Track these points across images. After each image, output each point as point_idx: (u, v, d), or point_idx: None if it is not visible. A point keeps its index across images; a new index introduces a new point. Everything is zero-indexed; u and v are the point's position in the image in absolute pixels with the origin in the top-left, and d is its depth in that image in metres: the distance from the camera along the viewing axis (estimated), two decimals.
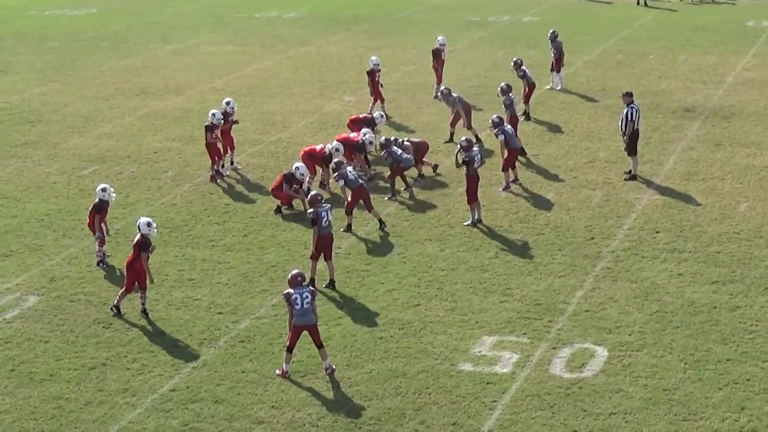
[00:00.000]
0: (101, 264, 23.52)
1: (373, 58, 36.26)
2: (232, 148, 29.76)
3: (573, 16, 54.71)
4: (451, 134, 31.82)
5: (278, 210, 26.48)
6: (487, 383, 18.31)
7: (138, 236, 20.98)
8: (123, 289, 21.18)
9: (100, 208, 23.44)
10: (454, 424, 17.16)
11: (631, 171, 28.45)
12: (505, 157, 27.56)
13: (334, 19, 54.78)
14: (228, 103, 29.71)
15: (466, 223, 25.30)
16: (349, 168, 25.72)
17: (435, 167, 29.00)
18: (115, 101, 37.68)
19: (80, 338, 20.22)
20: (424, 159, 28.87)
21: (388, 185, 27.54)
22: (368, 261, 23.57)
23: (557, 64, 38.09)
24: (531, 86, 34.27)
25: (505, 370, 18.74)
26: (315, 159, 27.99)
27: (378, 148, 28.58)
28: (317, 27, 52.65)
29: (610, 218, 25.63)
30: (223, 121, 28.81)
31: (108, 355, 19.56)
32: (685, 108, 35.11)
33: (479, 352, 19.39)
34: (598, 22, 52.45)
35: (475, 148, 25.58)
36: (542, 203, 26.75)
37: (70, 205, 26.92)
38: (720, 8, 56.84)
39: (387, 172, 27.80)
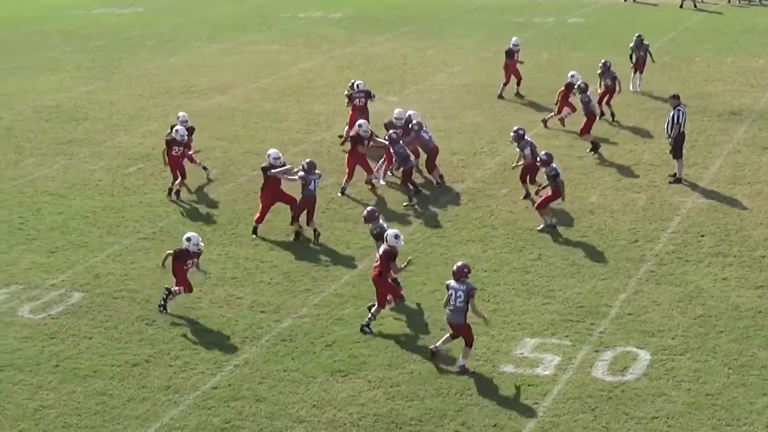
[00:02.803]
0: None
1: (513, 38, 38.11)
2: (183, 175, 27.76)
3: (618, 18, 54.54)
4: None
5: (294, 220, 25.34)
6: (529, 385, 18.27)
7: (384, 246, 20.43)
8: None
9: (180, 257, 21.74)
10: (495, 425, 17.13)
11: (675, 174, 28.30)
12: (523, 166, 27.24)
13: (378, 19, 54.82)
14: (178, 131, 27.35)
15: (539, 228, 25.17)
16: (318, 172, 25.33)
17: (441, 179, 28.46)
18: (160, 100, 37.87)
19: (124, 335, 20.33)
20: (435, 164, 28.50)
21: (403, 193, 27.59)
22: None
23: (641, 66, 37.90)
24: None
25: (546, 373, 18.69)
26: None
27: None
28: (362, 27, 52.72)
29: (654, 221, 25.51)
30: (186, 138, 27.48)
31: (151, 352, 19.65)
32: (731, 111, 34.90)
33: (521, 353, 19.35)
34: (644, 24, 52.10)
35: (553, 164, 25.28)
36: (586, 205, 26.67)
37: (115, 202, 27.06)
38: None
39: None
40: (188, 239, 21.27)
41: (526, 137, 27.27)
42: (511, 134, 27.41)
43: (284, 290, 22.27)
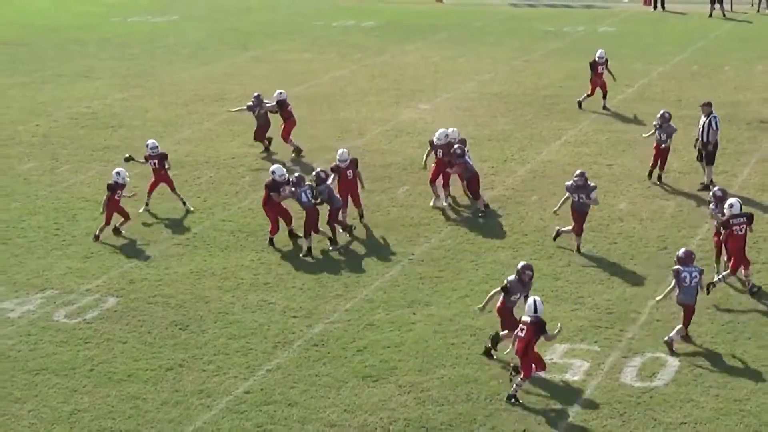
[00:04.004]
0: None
1: (599, 50, 36.86)
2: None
3: (648, 27, 54.42)
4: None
5: (291, 234, 25.41)
6: (558, 391, 18.27)
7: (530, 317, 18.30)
8: None
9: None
10: (524, 430, 17.13)
11: (704, 181, 28.26)
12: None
13: (410, 28, 54.88)
14: (118, 173, 26.08)
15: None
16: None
17: (486, 207, 27.13)
18: (194, 107, 38.05)
19: (157, 339, 20.44)
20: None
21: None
22: (441, 267, 23.58)
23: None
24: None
25: (576, 378, 18.68)
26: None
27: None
28: (394, 36, 52.77)
29: (683, 228, 25.45)
30: (128, 180, 26.26)
31: (184, 356, 19.75)
32: (761, 120, 34.76)
33: (550, 359, 19.31)
34: (674, 33, 52.09)
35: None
36: (615, 213, 26.63)
37: (150, 208, 27.18)
38: None
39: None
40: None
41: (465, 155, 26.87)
42: (456, 148, 26.80)
43: (316, 296, 22.34)
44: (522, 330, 17.92)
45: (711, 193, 23.32)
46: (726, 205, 21.02)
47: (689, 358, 19.18)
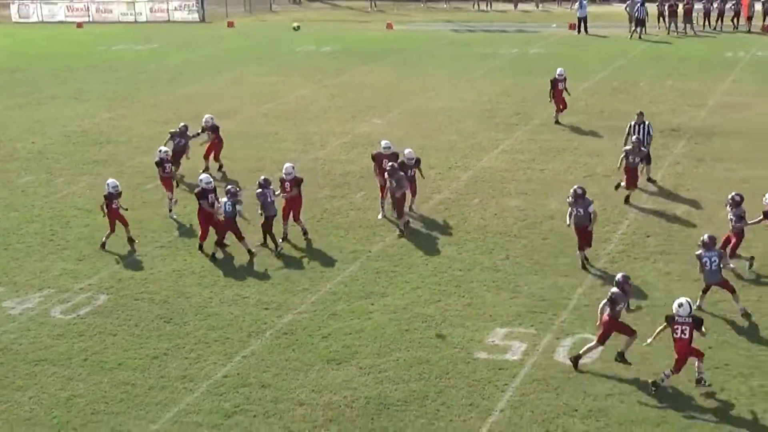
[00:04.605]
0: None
1: (558, 69, 36.65)
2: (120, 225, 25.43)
3: (574, 48, 54.70)
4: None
5: (221, 244, 24.51)
6: (500, 369, 18.30)
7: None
8: None
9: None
10: (470, 404, 17.15)
11: (649, 177, 28.80)
12: None
13: (365, 52, 54.92)
14: (109, 184, 25.06)
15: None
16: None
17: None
18: (173, 125, 37.58)
19: (144, 331, 20.30)
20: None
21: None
22: (395, 263, 23.57)
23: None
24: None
25: (515, 358, 18.72)
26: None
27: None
28: (350, 59, 52.77)
29: (606, 225, 25.55)
30: (119, 188, 25.26)
31: (169, 346, 19.63)
32: (671, 128, 34.99)
33: (492, 341, 19.37)
34: (596, 53, 52.38)
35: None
36: (547, 212, 26.70)
37: (136, 215, 26.91)
38: (702, 41, 56.80)
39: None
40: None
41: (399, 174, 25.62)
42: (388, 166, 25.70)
43: (285, 290, 22.26)
44: (683, 331, 17.11)
45: (729, 197, 22.45)
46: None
47: (613, 339, 19.22)
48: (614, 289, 18.07)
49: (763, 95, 40.41)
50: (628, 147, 27.08)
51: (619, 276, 18.31)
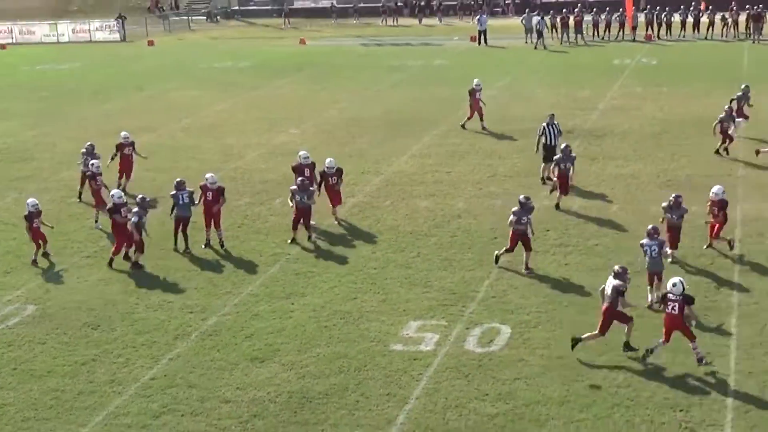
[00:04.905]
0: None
1: (475, 80, 36.42)
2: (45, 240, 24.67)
3: (475, 59, 55.05)
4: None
5: (126, 257, 23.78)
6: (414, 359, 18.19)
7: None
8: None
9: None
10: (388, 394, 17.02)
11: (543, 177, 28.87)
12: None
13: (279, 67, 54.71)
14: (29, 203, 24.33)
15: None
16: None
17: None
18: (96, 140, 36.94)
19: (72, 339, 19.79)
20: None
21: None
22: (313, 264, 23.36)
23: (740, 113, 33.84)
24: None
25: (428, 348, 18.63)
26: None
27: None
28: (266, 73, 52.54)
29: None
30: (38, 206, 24.45)
31: (97, 352, 19.16)
32: (567, 130, 35.07)
33: (407, 334, 19.27)
34: (496, 63, 52.71)
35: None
36: (455, 211, 26.70)
37: (61, 227, 26.38)
38: (592, 50, 57.63)
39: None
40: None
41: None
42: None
43: (208, 293, 21.92)
44: (673, 307, 17.26)
45: (669, 200, 22.07)
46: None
47: (519, 326, 19.28)
48: (616, 281, 17.87)
49: (648, 98, 40.97)
50: (558, 156, 26.55)
51: (617, 267, 18.16)
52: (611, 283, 17.88)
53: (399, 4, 78.80)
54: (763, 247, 22.50)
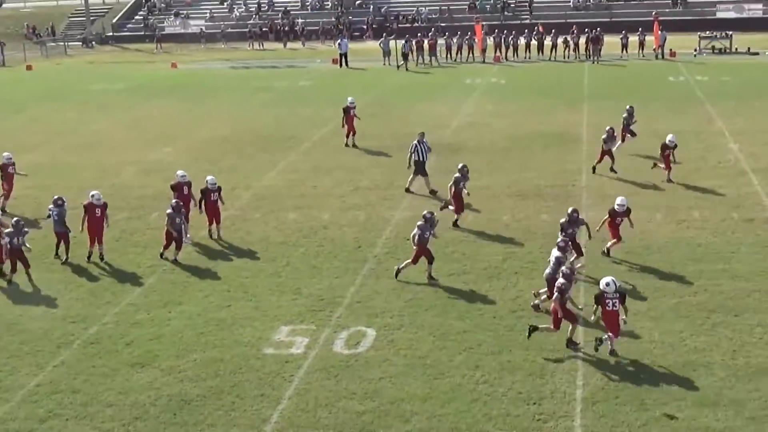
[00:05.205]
0: None
1: (348, 98, 36.21)
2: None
3: (337, 80, 55.34)
4: None
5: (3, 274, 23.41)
6: (286, 362, 18.27)
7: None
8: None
9: None
10: (262, 395, 17.06)
11: (409, 188, 29.27)
12: None
13: (153, 88, 54.05)
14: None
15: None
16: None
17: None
18: None
19: None
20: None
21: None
22: (189, 274, 23.20)
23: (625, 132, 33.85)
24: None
25: (299, 351, 18.71)
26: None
27: None
28: (141, 95, 51.83)
29: (372, 231, 25.90)
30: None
31: None
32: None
33: (278, 338, 19.32)
34: (357, 84, 53.07)
35: None
36: (321, 222, 26.84)
37: None
38: (445, 70, 58.45)
39: None
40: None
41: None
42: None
43: (90, 304, 21.58)
44: (613, 305, 17.56)
45: (567, 216, 21.88)
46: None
47: (383, 329, 19.52)
48: (562, 280, 18.07)
49: (498, 115, 41.85)
50: (457, 175, 25.93)
51: (565, 268, 18.38)
52: (559, 281, 18.18)
53: (264, 29, 78.63)
54: None
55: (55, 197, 24.71)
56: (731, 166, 28.82)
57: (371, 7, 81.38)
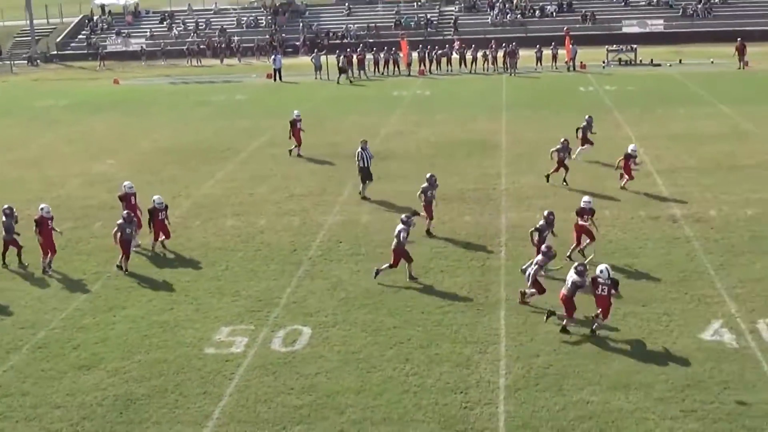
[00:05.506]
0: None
1: (295, 111, 35.79)
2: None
3: (272, 94, 55.11)
4: None
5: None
6: (227, 361, 18.08)
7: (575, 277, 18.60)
8: None
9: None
10: (204, 393, 16.87)
11: (362, 194, 29.05)
12: None
13: (96, 104, 53.27)
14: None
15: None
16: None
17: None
18: None
19: None
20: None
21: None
22: (132, 281, 22.85)
23: (584, 142, 33.32)
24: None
25: (239, 350, 18.54)
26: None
27: None
28: (84, 111, 51.04)
29: (306, 235, 25.79)
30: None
31: None
32: (352, 154, 35.59)
33: (219, 338, 19.13)
34: (291, 97, 52.89)
35: None
36: (258, 228, 26.65)
37: None
38: (374, 83, 58.53)
39: None
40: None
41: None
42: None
43: (37, 310, 21.14)
44: (602, 290, 18.14)
45: (543, 219, 21.61)
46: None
47: (318, 327, 19.44)
48: (576, 277, 18.32)
49: (423, 125, 41.99)
50: (425, 185, 25.24)
51: (578, 266, 18.56)
52: (571, 277, 18.45)
53: (202, 46, 78.01)
54: (524, 250, 23.35)
55: (4, 207, 24.15)
56: (638, 168, 29.21)
57: (300, 24, 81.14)
